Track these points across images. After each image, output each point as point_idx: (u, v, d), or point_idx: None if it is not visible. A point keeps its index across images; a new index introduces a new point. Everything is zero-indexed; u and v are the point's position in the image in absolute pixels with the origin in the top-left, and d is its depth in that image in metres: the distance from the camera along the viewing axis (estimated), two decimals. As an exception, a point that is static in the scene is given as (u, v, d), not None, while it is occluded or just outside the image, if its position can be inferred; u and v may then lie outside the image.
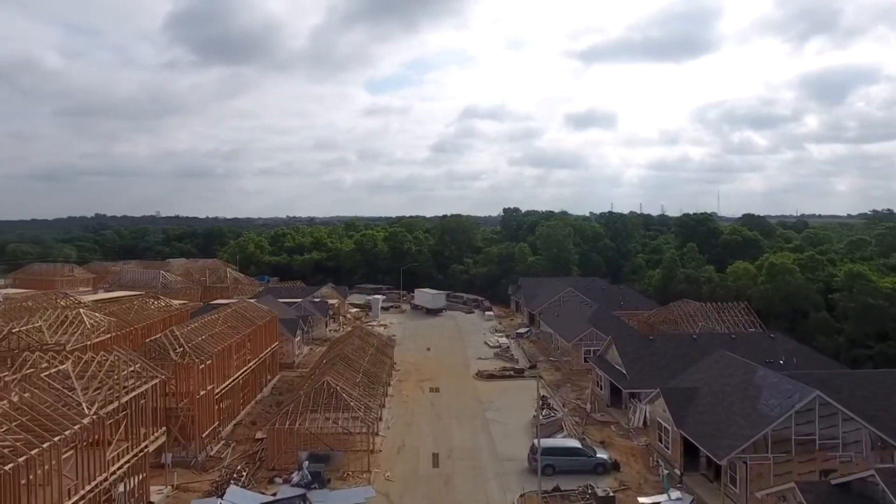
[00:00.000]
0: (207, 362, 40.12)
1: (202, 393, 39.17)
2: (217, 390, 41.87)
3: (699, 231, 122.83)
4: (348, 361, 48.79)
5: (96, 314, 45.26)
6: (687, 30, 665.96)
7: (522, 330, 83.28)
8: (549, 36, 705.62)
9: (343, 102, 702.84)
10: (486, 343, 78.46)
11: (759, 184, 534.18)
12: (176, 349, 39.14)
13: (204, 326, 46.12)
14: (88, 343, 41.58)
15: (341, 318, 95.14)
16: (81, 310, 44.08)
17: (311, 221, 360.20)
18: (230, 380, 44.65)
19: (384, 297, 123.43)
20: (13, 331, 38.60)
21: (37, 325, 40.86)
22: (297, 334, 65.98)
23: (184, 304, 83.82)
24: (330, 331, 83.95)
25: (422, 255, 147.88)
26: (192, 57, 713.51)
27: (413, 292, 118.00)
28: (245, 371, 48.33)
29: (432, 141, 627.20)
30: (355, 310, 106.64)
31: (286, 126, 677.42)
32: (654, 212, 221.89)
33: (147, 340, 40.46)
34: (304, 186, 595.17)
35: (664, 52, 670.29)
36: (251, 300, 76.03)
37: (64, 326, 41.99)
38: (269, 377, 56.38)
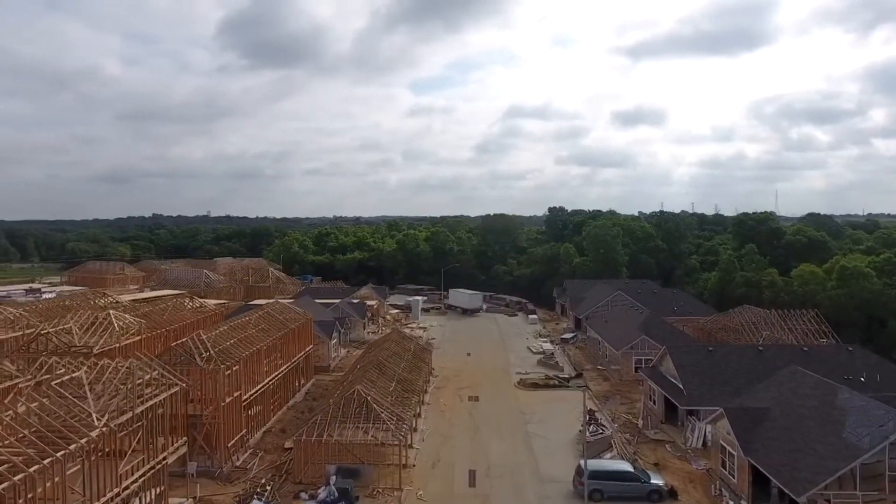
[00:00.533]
0: (234, 368, 38.39)
1: (228, 400, 37.45)
2: (245, 397, 40.13)
3: (759, 231, 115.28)
4: (382, 368, 46.37)
5: (126, 316, 44.36)
6: (741, 22, 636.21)
7: (568, 335, 79.27)
8: (596, 32, 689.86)
9: (387, 104, 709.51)
10: (529, 348, 74.91)
11: (821, 182, 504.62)
12: (202, 353, 37.55)
13: (234, 329, 44.61)
14: (117, 345, 40.59)
15: (380, 319, 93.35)
16: (111, 311, 43.21)
17: (356, 221, 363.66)
18: (260, 385, 42.92)
19: (425, 297, 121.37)
20: (42, 332, 37.80)
21: (67, 326, 40.08)
22: (332, 337, 64.24)
23: (221, 304, 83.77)
24: (368, 333, 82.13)
25: (464, 255, 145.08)
26: (243, 61, 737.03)
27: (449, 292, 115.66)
28: (276, 376, 46.61)
29: (476, 141, 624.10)
30: (395, 311, 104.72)
31: (333, 127, 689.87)
32: (707, 211, 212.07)
33: (173, 344, 39.06)
34: (351, 186, 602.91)
35: (717, 45, 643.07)
36: (289, 301, 75.24)
37: (94, 328, 41.15)
38: (302, 381, 54.66)
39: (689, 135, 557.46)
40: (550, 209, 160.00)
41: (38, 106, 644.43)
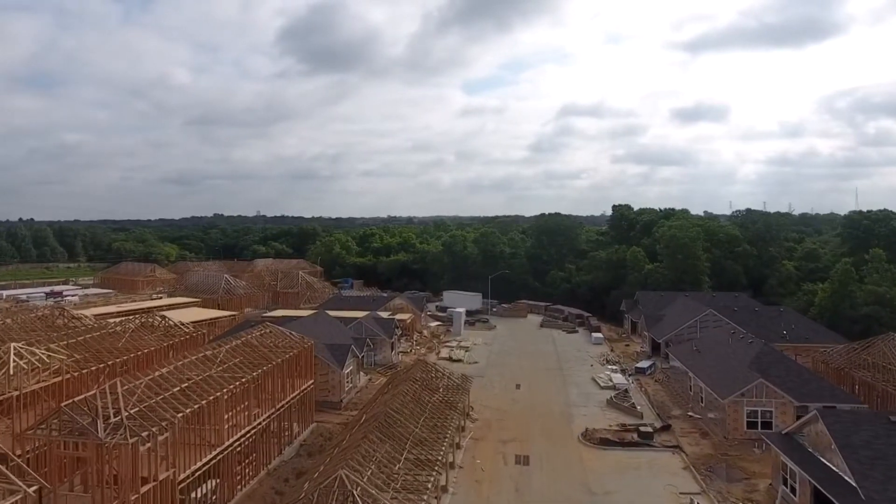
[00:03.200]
0: (162, 437, 25.64)
1: (148, 488, 24.74)
2: (184, 477, 27.37)
3: (878, 233, 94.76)
4: (389, 427, 32.69)
5: (38, 350, 32.40)
6: (808, 12, 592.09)
7: (644, 364, 63.33)
8: (651, 28, 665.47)
9: (439, 104, 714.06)
10: (594, 380, 59.63)
11: None
12: (110, 418, 25.00)
13: (186, 370, 32.08)
14: (16, 393, 28.66)
15: (416, 335, 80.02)
16: (15, 345, 31.42)
17: (409, 221, 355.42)
18: (215, 453, 30.12)
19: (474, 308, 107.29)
20: None
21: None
22: (346, 364, 51.24)
23: (230, 316, 72.69)
24: (399, 353, 68.94)
25: (516, 259, 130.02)
26: (301, 67, 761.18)
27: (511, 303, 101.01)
28: (249, 432, 33.79)
29: (529, 140, 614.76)
30: (436, 324, 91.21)
31: (385, 129, 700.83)
32: (781, 210, 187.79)
33: (75, 400, 26.65)
34: (403, 187, 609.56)
35: (783, 37, 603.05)
36: (310, 312, 62.84)
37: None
38: (297, 429, 41.76)
39: (753, 131, 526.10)
40: (615, 207, 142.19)
41: (115, 114, 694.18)
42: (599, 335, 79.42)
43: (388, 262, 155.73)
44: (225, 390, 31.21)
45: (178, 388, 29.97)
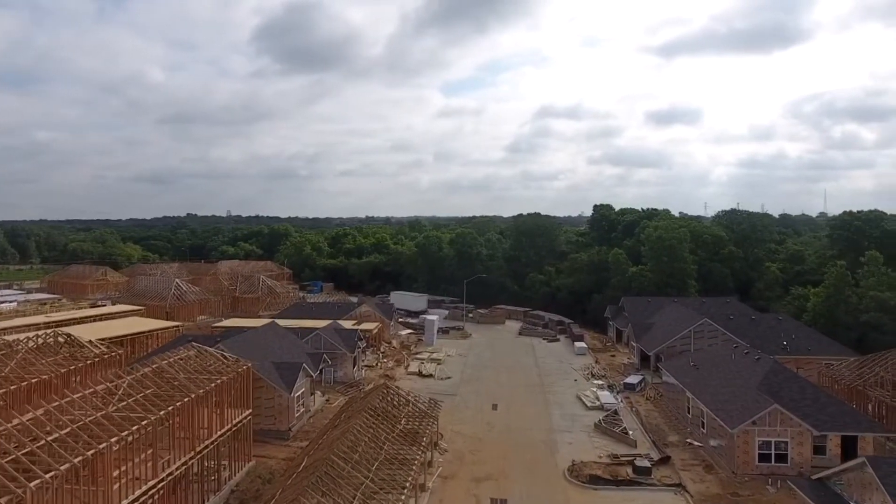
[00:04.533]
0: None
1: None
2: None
3: (870, 235, 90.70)
4: (332, 479, 25.89)
5: None
6: (776, 18, 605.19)
7: (633, 379, 57.45)
8: (626, 32, 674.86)
9: (419, 105, 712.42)
10: (579, 398, 53.54)
11: (868, 182, 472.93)
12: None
13: (74, 407, 24.91)
14: None
15: (384, 346, 73.16)
16: None
17: (387, 221, 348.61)
18: (99, 521, 23.00)
19: (447, 312, 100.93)
20: None
21: None
22: (296, 387, 44.22)
23: (174, 327, 64.99)
24: (364, 367, 62.06)
25: (493, 260, 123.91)
26: (278, 66, 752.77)
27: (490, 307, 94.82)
28: (158, 485, 26.68)
29: (507, 141, 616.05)
30: (407, 332, 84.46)
31: (365, 129, 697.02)
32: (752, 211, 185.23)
33: None
34: (383, 187, 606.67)
35: (752, 42, 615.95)
36: (270, 317, 55.10)
37: None
38: (229, 472, 34.63)
39: (725, 134, 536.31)
40: (595, 207, 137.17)
41: (89, 111, 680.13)
42: (583, 345, 73.54)
43: (359, 264, 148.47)
44: (115, 438, 24.09)
45: (55, 437, 22.82)
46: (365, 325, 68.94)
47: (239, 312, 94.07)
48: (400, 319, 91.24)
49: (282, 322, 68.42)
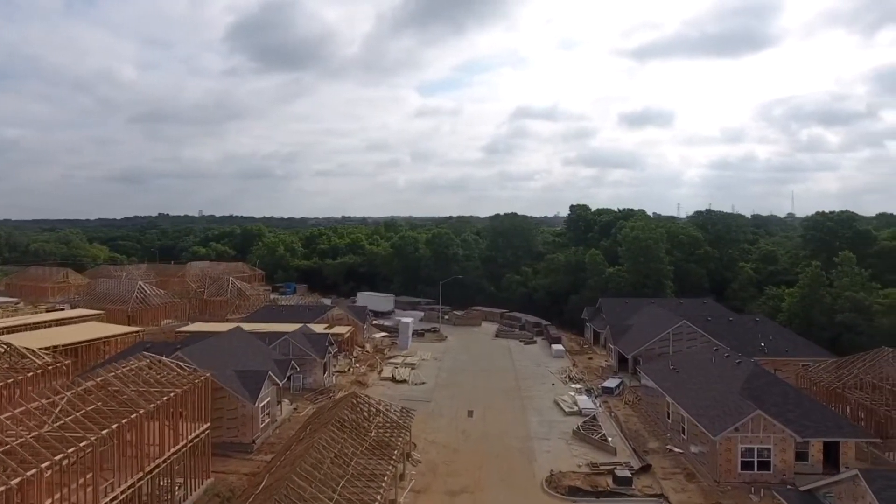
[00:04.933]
0: None
1: None
2: None
3: (843, 236, 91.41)
4: (300, 494, 23.80)
5: None
6: (746, 24, 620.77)
7: (611, 382, 56.28)
8: (601, 35, 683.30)
9: (395, 105, 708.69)
10: (557, 403, 52.12)
11: (833, 184, 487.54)
12: None
13: (5, 426, 22.32)
14: None
15: (357, 350, 70.90)
16: None
17: (363, 221, 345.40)
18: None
19: (422, 314, 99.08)
20: None
21: None
22: (261, 396, 41.85)
23: (133, 332, 61.84)
24: (335, 373, 59.79)
25: (470, 261, 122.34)
26: (252, 64, 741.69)
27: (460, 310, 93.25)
28: (97, 511, 24.24)
29: (484, 142, 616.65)
30: (381, 335, 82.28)
31: (342, 129, 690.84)
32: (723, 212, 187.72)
33: None
34: (360, 187, 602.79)
35: (722, 47, 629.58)
36: (239, 321, 52.16)
37: None
38: (186, 490, 32.22)
39: (698, 136, 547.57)
40: (572, 207, 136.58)
41: (58, 109, 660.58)
42: (560, 347, 72.30)
43: (333, 265, 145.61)
44: (48, 463, 21.66)
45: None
46: (337, 329, 66.64)
47: (207, 316, 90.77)
48: (374, 322, 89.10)
49: (250, 326, 65.83)
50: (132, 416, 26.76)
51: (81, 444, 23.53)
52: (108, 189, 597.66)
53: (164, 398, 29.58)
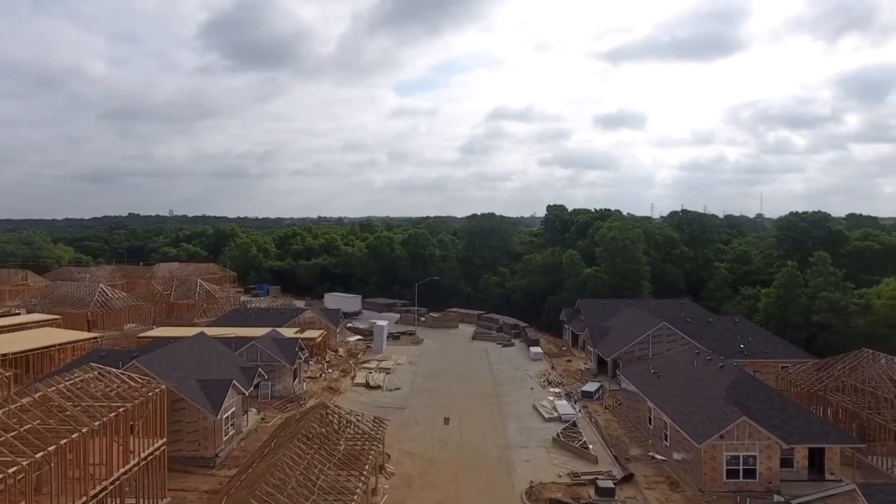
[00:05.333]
0: None
1: None
2: None
3: (816, 236, 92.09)
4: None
5: None
6: (715, 29, 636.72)
7: (591, 386, 55.02)
8: (575, 37, 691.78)
9: (372, 105, 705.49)
10: (536, 409, 50.65)
11: (799, 185, 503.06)
12: None
13: None
14: None
15: (330, 354, 68.58)
16: None
17: (339, 221, 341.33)
18: None
19: (398, 316, 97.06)
20: None
21: None
22: (225, 407, 39.44)
23: (91, 339, 58.66)
24: (306, 379, 57.45)
25: (447, 262, 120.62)
26: (226, 62, 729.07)
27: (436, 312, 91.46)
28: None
29: (461, 142, 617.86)
30: (355, 339, 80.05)
31: (318, 128, 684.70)
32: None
33: None
34: (336, 187, 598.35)
35: (693, 51, 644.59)
36: (207, 324, 49.22)
37: None
38: (139, 510, 29.77)
39: (669, 138, 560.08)
40: (549, 207, 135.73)
41: (24, 105, 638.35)
42: (538, 350, 70.99)
43: (308, 265, 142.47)
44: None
45: None
46: (308, 333, 64.24)
47: (174, 320, 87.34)
48: (349, 325, 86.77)
49: (217, 331, 63.08)
50: (73, 436, 24.30)
51: (11, 470, 21.05)
52: (76, 188, 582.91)
53: (113, 414, 27.12)
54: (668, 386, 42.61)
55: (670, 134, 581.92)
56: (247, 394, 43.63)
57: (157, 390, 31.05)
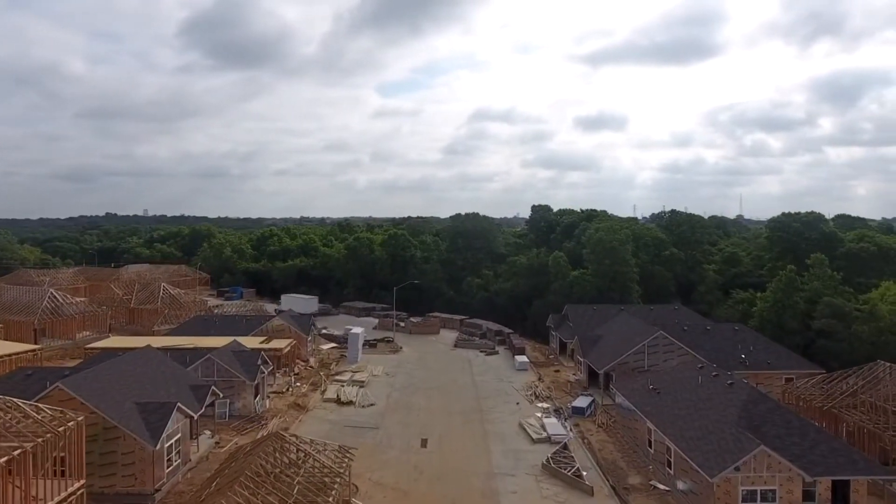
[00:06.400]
0: None
1: None
2: None
3: (810, 238, 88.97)
4: None
5: None
6: (692, 33, 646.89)
7: (582, 402, 50.47)
8: (555, 40, 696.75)
9: (355, 106, 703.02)
10: (523, 428, 46.05)
11: (776, 187, 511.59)
12: None
13: None
14: None
15: (300, 365, 63.34)
16: None
17: (322, 222, 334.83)
18: None
19: (375, 322, 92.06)
20: None
21: None
22: (164, 435, 34.15)
23: (31, 350, 52.85)
24: (270, 395, 52.25)
25: (429, 263, 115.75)
26: (207, 61, 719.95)
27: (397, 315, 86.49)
28: None
29: (444, 143, 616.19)
30: (329, 346, 74.89)
31: (301, 128, 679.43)
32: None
33: None
34: (319, 187, 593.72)
35: (671, 55, 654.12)
36: (169, 333, 43.56)
37: None
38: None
39: (649, 140, 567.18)
40: (533, 208, 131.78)
41: (0, 103, 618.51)
42: (524, 359, 66.46)
43: (283, 267, 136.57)
44: None
45: None
46: (275, 343, 58.95)
47: (136, 326, 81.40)
48: (323, 332, 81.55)
49: (175, 340, 57.76)
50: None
51: None
52: (53, 187, 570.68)
53: (4, 459, 21.89)
54: (671, 405, 38.29)
55: (650, 136, 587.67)
56: (195, 416, 38.36)
57: (71, 423, 25.81)
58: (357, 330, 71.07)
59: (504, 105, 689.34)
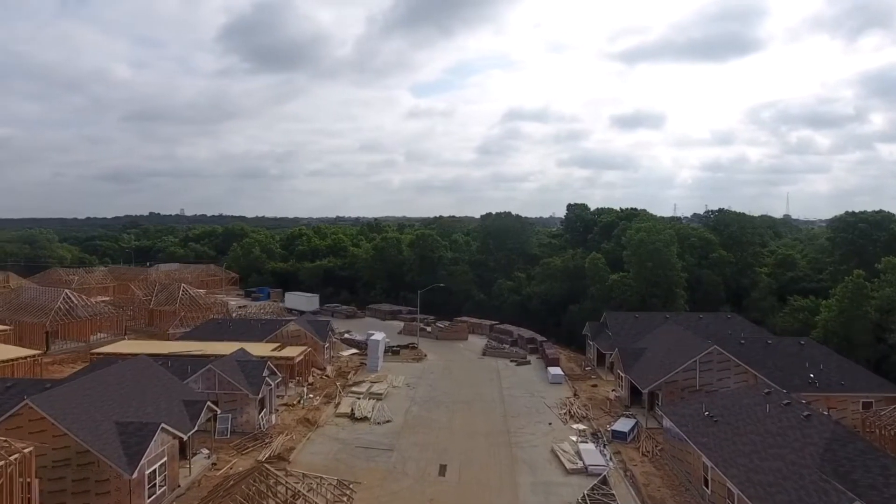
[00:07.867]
0: None
1: None
2: None
3: (876, 239, 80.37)
4: None
5: None
6: (730, 29, 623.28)
7: (624, 425, 44.62)
8: (589, 38, 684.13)
9: (388, 106, 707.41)
10: (555, 455, 40.58)
11: (825, 185, 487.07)
12: None
13: None
14: None
15: (316, 373, 59.22)
16: None
17: (356, 222, 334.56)
18: None
19: (402, 325, 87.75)
20: None
21: None
22: (144, 461, 30.17)
23: (31, 356, 50.07)
24: (279, 408, 48.21)
25: (458, 265, 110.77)
26: (245, 65, 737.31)
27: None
28: None
29: (477, 143, 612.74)
30: (350, 352, 70.78)
31: (335, 129, 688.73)
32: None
33: None
34: (354, 187, 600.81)
35: (708, 51, 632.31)
36: (174, 345, 40.22)
37: None
38: None
39: (688, 138, 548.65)
40: (569, 206, 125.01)
41: (50, 107, 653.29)
42: (558, 371, 60.78)
43: (311, 268, 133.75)
44: None
45: None
46: (287, 351, 54.93)
47: (155, 328, 79.19)
48: (346, 335, 77.56)
49: (184, 346, 54.57)
50: None
51: None
52: (99, 188, 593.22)
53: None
54: (732, 438, 32.28)
55: (689, 134, 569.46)
56: (185, 437, 34.33)
57: (13, 458, 21.82)
58: (378, 336, 66.62)
59: (537, 104, 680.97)
